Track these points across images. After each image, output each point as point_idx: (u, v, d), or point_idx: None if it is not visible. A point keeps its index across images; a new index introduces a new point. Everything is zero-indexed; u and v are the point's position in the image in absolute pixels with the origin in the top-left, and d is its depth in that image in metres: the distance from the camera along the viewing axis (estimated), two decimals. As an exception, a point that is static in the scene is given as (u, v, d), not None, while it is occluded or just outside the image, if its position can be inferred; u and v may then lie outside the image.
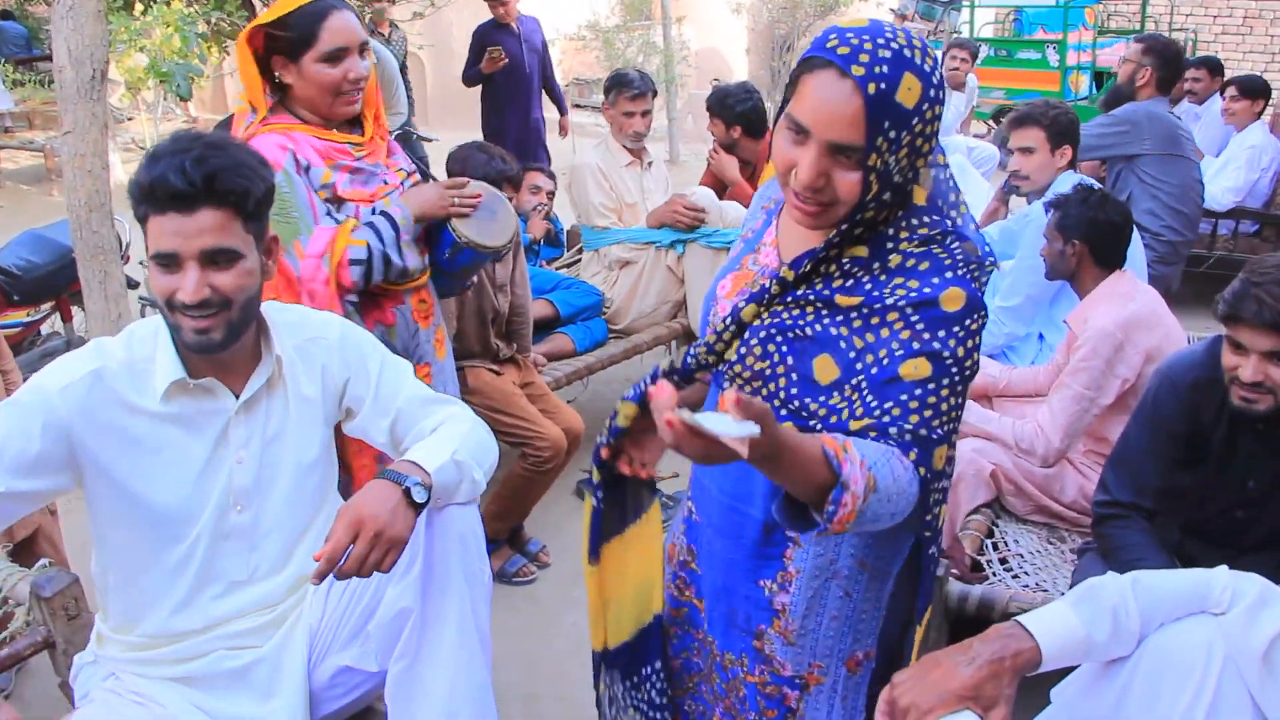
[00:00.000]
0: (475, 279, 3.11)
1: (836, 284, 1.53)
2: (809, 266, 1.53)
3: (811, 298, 1.53)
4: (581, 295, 4.36)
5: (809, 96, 1.41)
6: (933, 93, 1.40)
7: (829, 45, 1.39)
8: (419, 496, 1.76)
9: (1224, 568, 1.58)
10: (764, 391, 1.58)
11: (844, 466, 1.31)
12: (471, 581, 1.88)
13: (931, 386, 1.47)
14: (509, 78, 6.78)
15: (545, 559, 3.59)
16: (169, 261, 1.70)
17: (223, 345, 1.76)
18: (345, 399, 2.00)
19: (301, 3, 2.41)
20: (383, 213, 2.46)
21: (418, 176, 2.67)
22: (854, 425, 1.49)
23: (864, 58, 1.36)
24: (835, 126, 1.39)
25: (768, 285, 1.57)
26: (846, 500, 1.31)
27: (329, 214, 2.44)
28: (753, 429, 1.19)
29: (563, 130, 7.33)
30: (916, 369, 1.46)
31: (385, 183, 2.54)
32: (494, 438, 2.04)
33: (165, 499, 1.81)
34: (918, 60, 1.39)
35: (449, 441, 1.89)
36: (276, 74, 2.45)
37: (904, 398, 1.47)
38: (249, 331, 1.83)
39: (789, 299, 1.56)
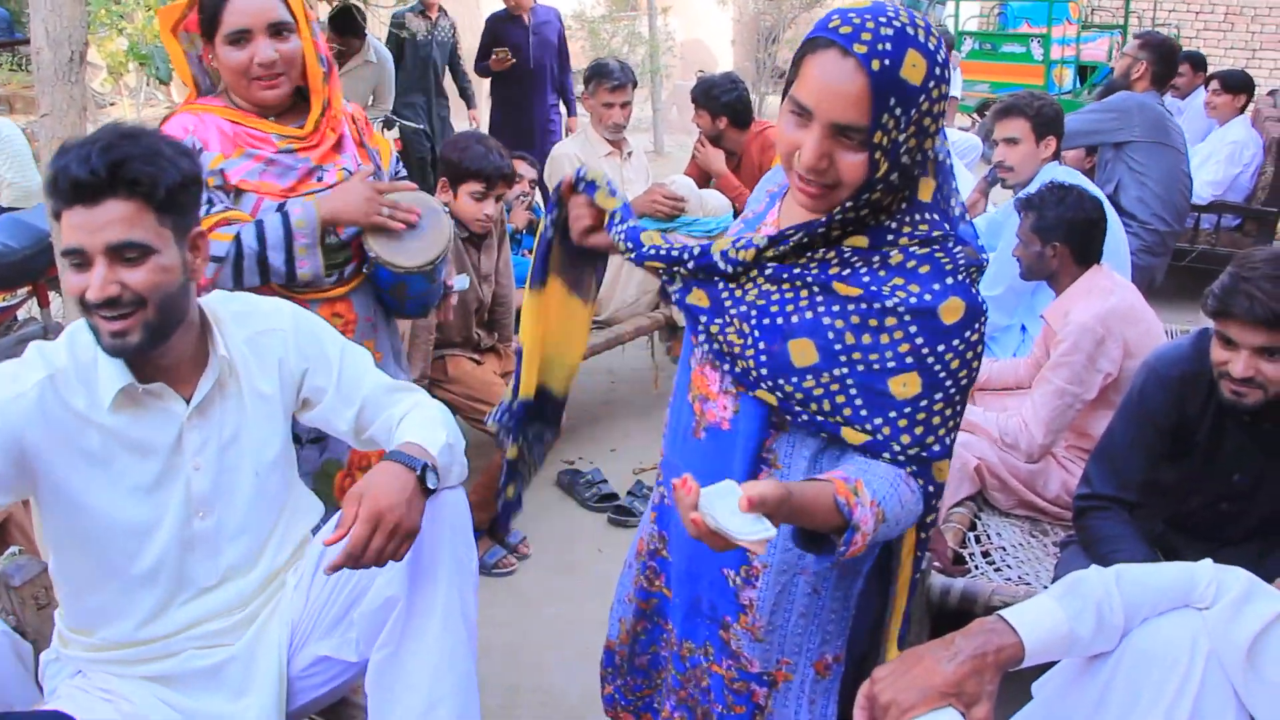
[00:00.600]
0: (440, 301, 2.76)
1: (834, 271, 1.51)
2: (804, 239, 1.50)
3: (809, 280, 1.51)
4: None
5: (811, 77, 1.40)
6: (938, 71, 1.39)
7: (831, 25, 1.38)
8: (431, 483, 1.73)
9: (1208, 561, 1.57)
10: (738, 366, 1.56)
11: (854, 511, 1.38)
12: (460, 569, 1.86)
13: (924, 403, 1.47)
14: (511, 72, 6.66)
15: (525, 550, 3.57)
16: (78, 258, 1.61)
17: (141, 349, 1.67)
18: (303, 390, 1.94)
19: None
20: (282, 209, 2.28)
21: (363, 172, 2.43)
22: (847, 435, 1.50)
23: (866, 36, 1.35)
24: (838, 106, 1.37)
25: (753, 238, 1.56)
26: (857, 539, 1.38)
27: (209, 201, 2.24)
28: (769, 532, 1.27)
29: (569, 131, 7.21)
30: (906, 385, 1.46)
31: (319, 179, 2.36)
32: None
33: (121, 513, 1.75)
34: (921, 38, 1.37)
35: (436, 425, 1.86)
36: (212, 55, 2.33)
37: (893, 414, 1.48)
38: (184, 333, 1.75)
39: (784, 276, 1.53)
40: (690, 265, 1.60)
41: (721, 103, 4.61)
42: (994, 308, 3.71)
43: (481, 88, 7.43)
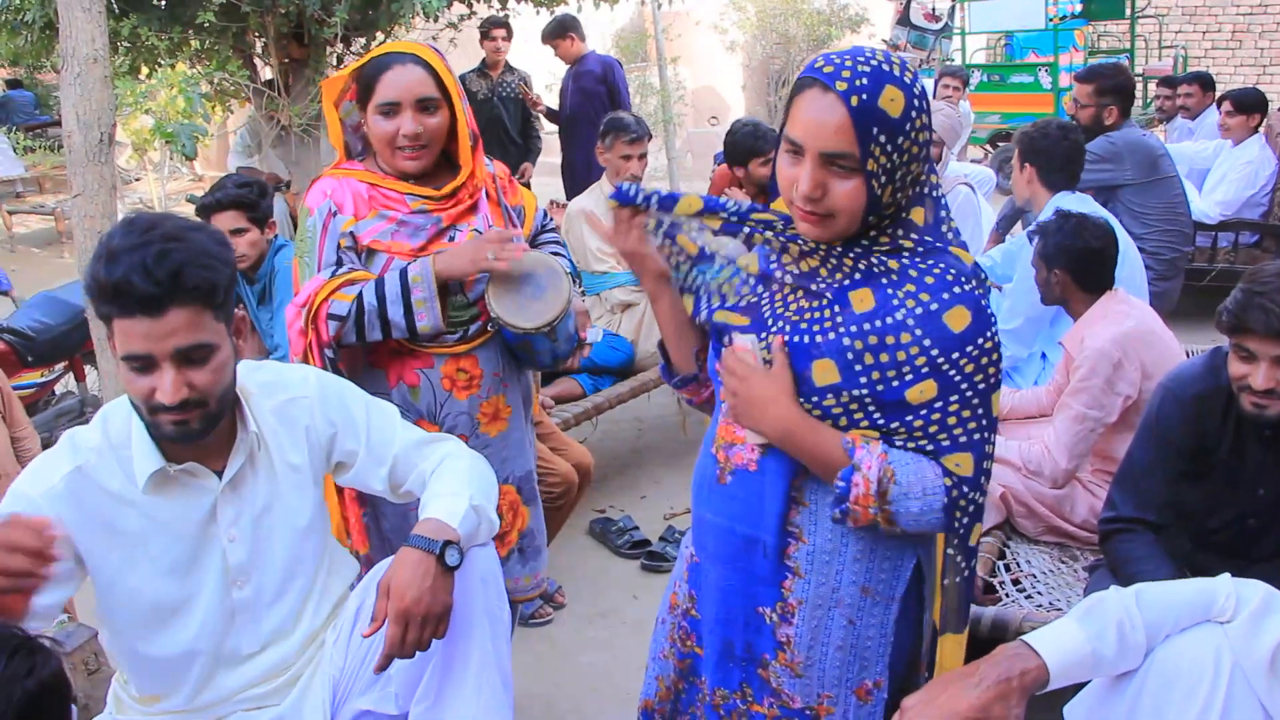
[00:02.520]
0: (560, 356, 2.73)
1: (846, 281, 1.60)
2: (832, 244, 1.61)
3: (828, 295, 1.60)
4: (607, 350, 4.35)
5: (799, 116, 1.53)
6: (917, 103, 1.51)
7: (815, 66, 1.52)
8: (453, 560, 1.77)
9: (1226, 575, 1.59)
10: None
11: (856, 451, 1.54)
12: (493, 622, 1.90)
13: (939, 405, 1.55)
14: (562, 120, 7.05)
15: (561, 600, 3.59)
16: (143, 363, 1.65)
17: (202, 434, 1.73)
18: (334, 454, 1.98)
19: (380, 52, 2.44)
20: (401, 269, 2.38)
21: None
22: (854, 436, 1.58)
23: (845, 74, 1.48)
24: (824, 137, 1.49)
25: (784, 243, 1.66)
26: (858, 480, 1.54)
27: (338, 261, 2.40)
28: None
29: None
30: (923, 392, 1.55)
31: (451, 239, 2.46)
32: (491, 469, 2.05)
33: (162, 588, 1.81)
34: (896, 73, 1.50)
35: (461, 486, 1.90)
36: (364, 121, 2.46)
37: (909, 418, 1.56)
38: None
39: (808, 286, 1.62)
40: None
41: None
42: (1013, 340, 3.76)
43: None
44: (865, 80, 1.48)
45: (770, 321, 1.66)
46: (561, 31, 6.83)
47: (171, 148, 6.92)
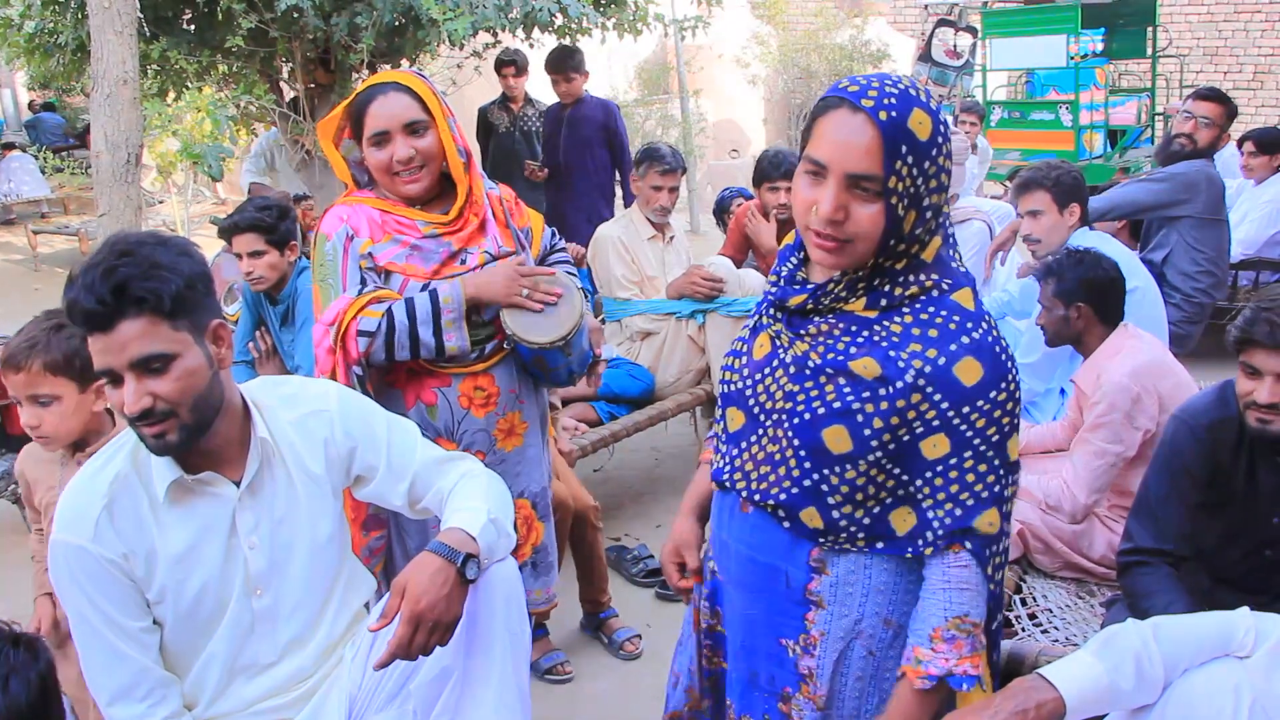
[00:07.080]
0: (575, 372, 2.76)
1: (844, 345, 1.57)
2: (843, 289, 1.57)
3: (828, 370, 1.57)
4: (627, 378, 4.35)
5: (824, 135, 1.50)
6: (942, 128, 1.49)
7: (840, 87, 1.50)
8: (472, 574, 1.78)
9: (1245, 609, 1.59)
10: (779, 472, 1.62)
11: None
12: (513, 640, 1.91)
13: (954, 461, 1.52)
14: (551, 171, 6.39)
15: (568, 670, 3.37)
16: (109, 377, 1.70)
17: (182, 445, 1.75)
18: (354, 467, 2.00)
19: (363, 87, 2.51)
20: (430, 289, 2.44)
21: (511, 259, 2.58)
22: (895, 521, 1.57)
23: (873, 93, 1.46)
24: (852, 157, 1.46)
25: (774, 314, 1.66)
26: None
27: (362, 281, 2.46)
28: None
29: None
30: (936, 446, 1.52)
31: (463, 262, 2.52)
32: (507, 488, 2.07)
33: (192, 600, 1.83)
34: (923, 99, 1.49)
35: (480, 501, 1.92)
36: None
37: (928, 474, 1.54)
38: (226, 419, 1.83)
39: (808, 369, 1.59)
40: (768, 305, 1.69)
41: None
42: (1031, 374, 3.75)
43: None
44: (894, 100, 1.46)
45: (762, 416, 1.66)
46: (561, 66, 6.12)
47: (198, 169, 7.00)
